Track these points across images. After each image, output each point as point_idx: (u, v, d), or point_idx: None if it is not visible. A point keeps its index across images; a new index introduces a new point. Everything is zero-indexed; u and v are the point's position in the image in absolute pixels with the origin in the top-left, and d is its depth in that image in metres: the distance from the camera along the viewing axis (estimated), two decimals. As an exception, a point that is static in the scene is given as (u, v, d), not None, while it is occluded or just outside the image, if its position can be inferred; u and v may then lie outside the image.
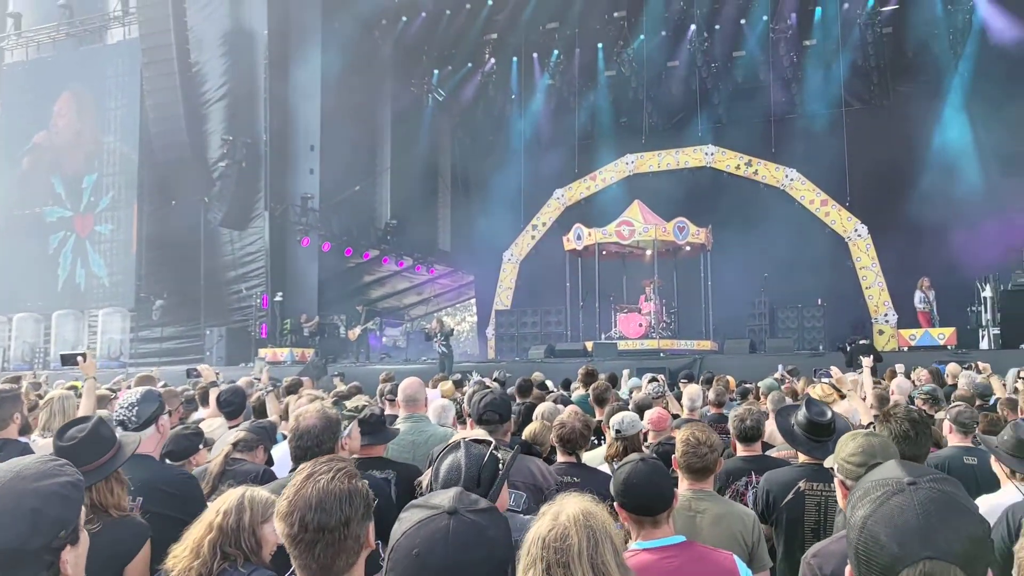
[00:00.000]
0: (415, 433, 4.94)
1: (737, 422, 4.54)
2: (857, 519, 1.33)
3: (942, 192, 19.20)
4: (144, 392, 3.64)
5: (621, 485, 2.77)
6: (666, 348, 18.50)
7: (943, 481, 1.34)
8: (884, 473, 1.37)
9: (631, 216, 19.93)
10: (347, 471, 1.96)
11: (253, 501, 2.60)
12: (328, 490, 1.89)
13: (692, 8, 22.56)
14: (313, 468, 1.97)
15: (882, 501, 1.32)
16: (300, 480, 1.94)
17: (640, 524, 2.74)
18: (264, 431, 4.63)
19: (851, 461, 2.63)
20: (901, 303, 19.78)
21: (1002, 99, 20.64)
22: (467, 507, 1.60)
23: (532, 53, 25.26)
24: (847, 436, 2.76)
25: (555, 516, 1.73)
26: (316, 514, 1.86)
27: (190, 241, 22.32)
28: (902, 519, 1.28)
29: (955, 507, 1.30)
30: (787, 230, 20.56)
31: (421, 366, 17.31)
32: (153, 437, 3.59)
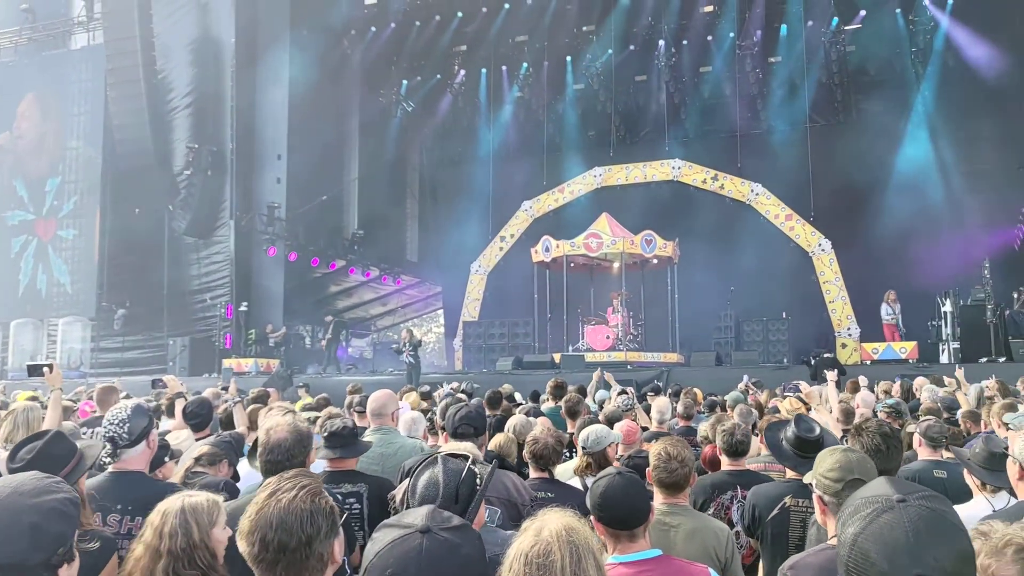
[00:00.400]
0: (384, 445, 4.91)
1: (727, 436, 4.56)
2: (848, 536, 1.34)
3: (904, 208, 19.53)
4: (134, 407, 3.55)
5: (598, 499, 2.76)
6: (633, 360, 18.57)
7: (932, 498, 1.36)
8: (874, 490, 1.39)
9: (599, 228, 20.01)
10: (310, 488, 1.92)
11: (196, 512, 2.51)
12: (289, 509, 1.85)
13: (660, 24, 22.81)
14: (277, 485, 1.92)
15: (872, 518, 1.33)
16: (263, 498, 1.90)
17: (617, 538, 2.73)
18: (229, 444, 4.57)
19: (828, 476, 2.65)
20: (864, 317, 20.06)
21: (962, 116, 21.10)
22: (440, 525, 1.58)
23: (501, 65, 25.36)
24: (825, 451, 2.78)
25: (537, 532, 1.71)
26: (277, 533, 1.82)
27: (153, 249, 22.03)
28: (892, 536, 1.30)
29: (944, 524, 1.32)
30: (753, 244, 20.79)
31: (388, 377, 17.23)
32: (144, 454, 3.51)
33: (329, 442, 4.14)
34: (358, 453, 4.24)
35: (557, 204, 24.12)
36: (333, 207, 25.07)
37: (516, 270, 23.04)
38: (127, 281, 22.47)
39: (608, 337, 19.66)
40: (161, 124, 21.77)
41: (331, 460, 4.04)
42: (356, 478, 3.98)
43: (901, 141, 21.09)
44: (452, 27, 24.39)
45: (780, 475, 4.86)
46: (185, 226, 21.44)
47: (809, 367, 14.08)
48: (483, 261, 24.74)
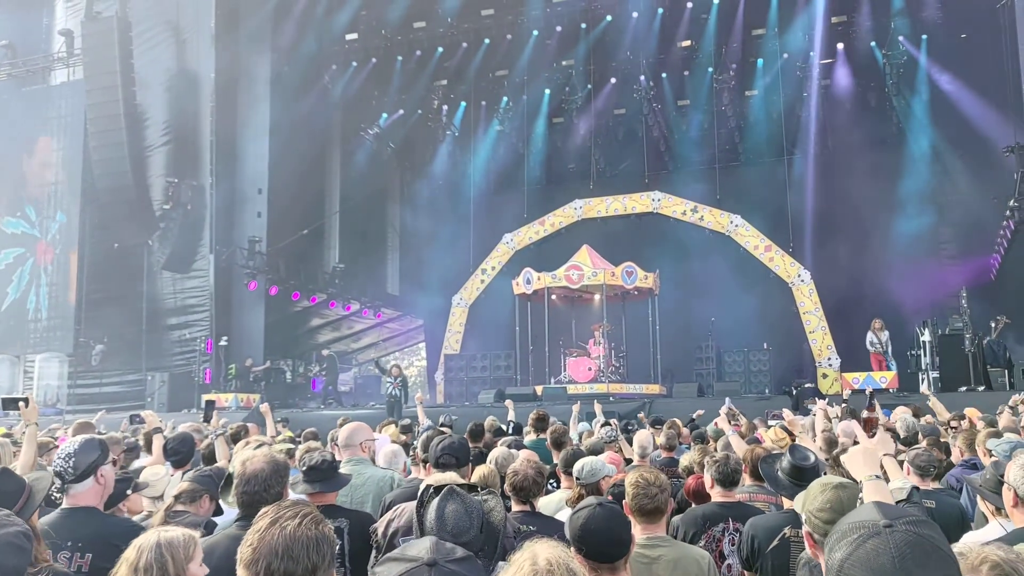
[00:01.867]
0: (355, 475, 4.86)
1: (720, 466, 4.54)
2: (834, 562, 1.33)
3: (882, 238, 19.75)
4: (83, 441, 3.47)
5: (579, 531, 2.67)
6: (615, 392, 18.55)
7: (919, 524, 1.35)
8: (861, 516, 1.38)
9: (580, 260, 20.08)
10: (314, 516, 1.90)
11: (172, 547, 2.42)
12: (295, 536, 1.82)
13: (639, 58, 23.09)
14: (278, 513, 1.89)
15: (858, 544, 1.32)
16: (265, 525, 1.87)
17: (597, 572, 2.64)
18: (210, 479, 4.48)
19: (819, 517, 2.59)
20: (843, 347, 20.16)
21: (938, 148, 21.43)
22: (445, 557, 1.56)
23: (481, 100, 25.53)
24: (816, 486, 2.72)
25: (520, 565, 1.68)
26: (283, 562, 1.79)
27: (132, 284, 21.85)
28: (878, 562, 1.29)
29: (929, 550, 1.31)
30: (733, 275, 20.92)
31: (369, 411, 17.10)
32: (93, 489, 3.43)
33: (308, 476, 4.08)
34: (338, 487, 4.19)
35: (538, 236, 24.18)
36: (314, 241, 25.02)
37: (498, 302, 23.03)
38: (105, 316, 22.23)
39: (590, 369, 19.64)
40: (141, 158, 21.68)
41: (310, 495, 3.99)
42: (336, 513, 3.92)
43: (878, 172, 21.35)
44: (433, 62, 24.59)
45: (765, 506, 4.84)
46: (164, 260, 21.30)
47: (791, 397, 14.11)
48: (464, 294, 24.72)
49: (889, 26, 20.91)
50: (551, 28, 23.63)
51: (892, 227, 20.36)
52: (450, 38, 24.16)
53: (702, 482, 4.77)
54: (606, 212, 23.53)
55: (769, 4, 21.65)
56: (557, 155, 26.35)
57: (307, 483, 4.06)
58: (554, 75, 24.60)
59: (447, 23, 23.82)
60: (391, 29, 24.09)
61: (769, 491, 4.72)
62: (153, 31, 22.18)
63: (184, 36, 22.19)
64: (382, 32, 24.17)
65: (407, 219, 29.39)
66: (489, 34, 23.94)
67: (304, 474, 4.09)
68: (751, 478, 5.11)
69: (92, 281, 22.63)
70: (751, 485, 5.10)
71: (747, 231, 21.86)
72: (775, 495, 4.55)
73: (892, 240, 20.18)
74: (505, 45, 24.08)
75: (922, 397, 14.12)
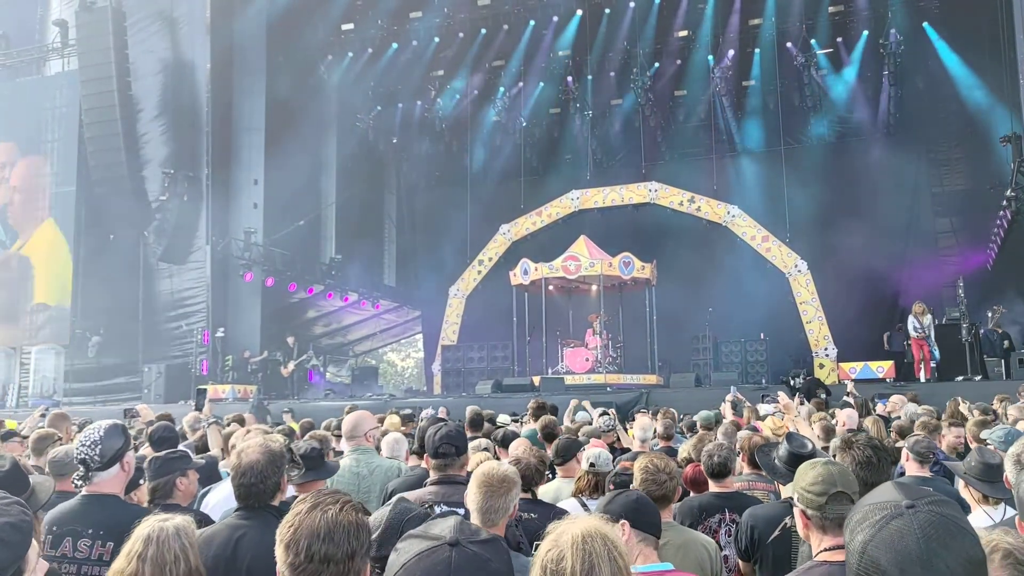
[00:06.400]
0: (360, 465, 4.84)
1: (707, 458, 4.53)
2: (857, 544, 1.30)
3: (879, 229, 19.74)
4: (108, 427, 3.43)
5: (635, 503, 2.84)
6: (613, 382, 18.55)
7: (941, 503, 1.33)
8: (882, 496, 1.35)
9: (577, 251, 20.04)
10: (354, 504, 1.93)
11: (188, 535, 2.46)
12: (337, 521, 1.85)
13: (636, 48, 23.03)
14: (318, 498, 1.94)
15: (881, 525, 1.30)
16: (306, 508, 1.91)
17: (645, 542, 2.79)
18: (173, 460, 4.15)
19: (811, 491, 2.58)
20: (840, 337, 20.16)
21: (934, 138, 21.43)
22: (468, 538, 1.54)
23: (476, 90, 25.46)
24: (806, 465, 2.70)
25: (556, 538, 1.68)
26: (324, 544, 1.82)
27: (128, 276, 21.78)
28: (902, 544, 1.27)
29: (954, 530, 1.29)
30: (730, 265, 20.90)
31: (367, 402, 17.08)
32: (118, 476, 3.40)
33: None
34: (327, 475, 4.17)
35: (535, 227, 24.11)
36: (310, 232, 24.95)
37: (495, 294, 22.99)
38: (101, 308, 22.17)
39: (587, 360, 19.63)
40: (135, 150, 21.59)
41: (299, 485, 3.96)
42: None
43: (875, 162, 21.35)
44: (429, 52, 24.50)
45: (764, 495, 4.83)
46: (161, 252, 21.24)
47: (789, 387, 14.10)
48: (462, 285, 24.67)
49: (887, 15, 20.85)
50: (548, 18, 23.55)
51: (889, 217, 20.34)
52: (447, 28, 24.06)
53: (700, 471, 4.77)
54: (603, 202, 23.47)
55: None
56: (554, 145, 26.29)
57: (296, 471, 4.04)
58: (551, 65, 24.52)
59: (443, 13, 23.73)
60: (387, 19, 23.99)
61: (768, 480, 4.72)
62: (147, 21, 22.06)
63: (178, 26, 22.07)
64: (378, 22, 24.07)
65: (404, 210, 29.33)
66: (486, 24, 23.86)
67: (290, 464, 4.07)
68: (749, 466, 5.11)
69: (88, 272, 22.55)
70: (749, 474, 5.10)
71: (744, 221, 21.82)
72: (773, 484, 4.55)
73: (889, 230, 20.16)
74: (502, 35, 24.00)
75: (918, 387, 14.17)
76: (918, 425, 6.25)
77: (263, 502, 3.19)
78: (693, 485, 4.94)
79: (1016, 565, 1.72)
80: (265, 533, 3.06)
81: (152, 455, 4.05)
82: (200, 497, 4.48)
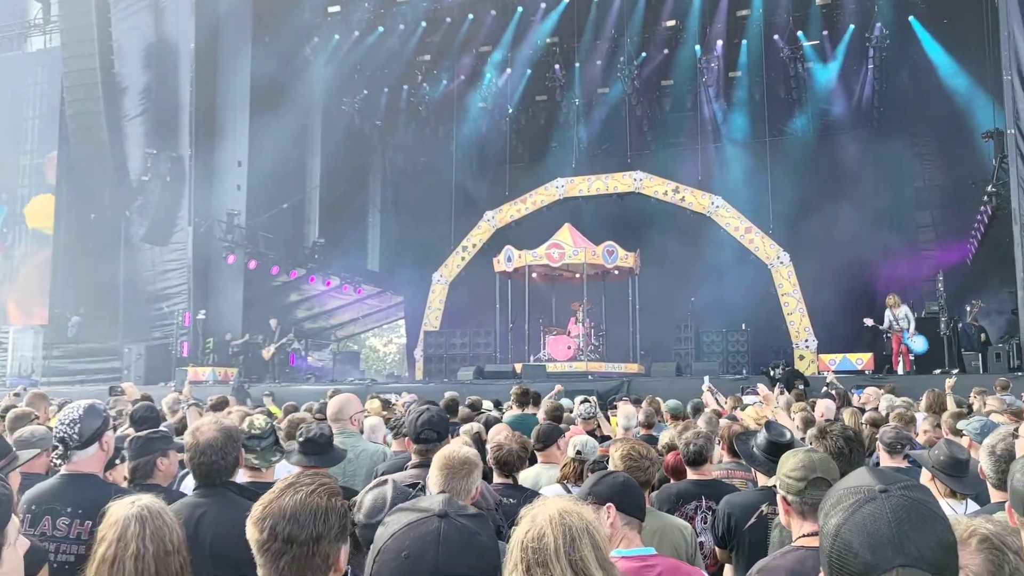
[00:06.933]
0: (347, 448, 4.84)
1: (684, 447, 4.58)
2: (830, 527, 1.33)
3: (861, 222, 19.85)
4: (87, 407, 3.44)
5: (621, 487, 2.84)
6: (594, 371, 18.61)
7: (914, 488, 1.36)
8: (856, 481, 1.38)
9: (561, 239, 20.07)
10: (329, 488, 1.95)
11: (169, 513, 2.49)
12: (305, 503, 1.88)
13: (623, 37, 23.01)
14: (296, 480, 1.96)
15: (854, 509, 1.33)
16: (280, 488, 1.94)
17: (629, 526, 2.80)
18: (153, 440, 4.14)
19: (792, 476, 2.66)
20: (820, 329, 20.30)
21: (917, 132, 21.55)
22: (457, 511, 1.57)
23: (463, 76, 25.38)
24: (789, 452, 2.79)
25: (532, 518, 1.71)
26: (288, 525, 1.85)
27: (109, 256, 21.63)
28: (875, 527, 1.30)
29: (926, 514, 1.32)
30: (713, 256, 20.97)
31: (348, 387, 17.06)
32: (97, 456, 3.41)
33: (304, 448, 4.05)
34: (333, 463, 4.15)
35: (519, 214, 24.09)
36: (294, 215, 24.83)
37: (478, 280, 23.00)
38: (81, 288, 22.02)
39: (569, 347, 19.69)
40: (118, 128, 21.42)
41: (305, 468, 3.94)
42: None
43: (859, 155, 21.45)
44: (416, 37, 24.37)
45: (743, 483, 4.88)
46: (143, 232, 21.10)
47: (768, 378, 14.20)
48: (445, 271, 24.63)
49: (873, 8, 20.92)
50: (536, 4, 23.46)
51: (871, 210, 20.46)
52: (434, 12, 23.91)
53: (680, 459, 4.81)
54: (588, 191, 23.47)
55: (755, -15, 21.69)
56: (540, 133, 26.26)
57: (302, 455, 4.03)
58: (538, 53, 24.45)
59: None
60: (374, 2, 23.81)
61: (746, 468, 4.77)
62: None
63: (163, 4, 21.87)
64: (365, 4, 23.87)
65: (388, 195, 29.23)
66: (473, 9, 23.73)
67: (300, 445, 4.06)
68: (728, 455, 5.16)
69: (68, 252, 22.37)
70: (728, 462, 5.16)
71: (728, 212, 21.88)
72: (752, 472, 4.60)
73: (871, 223, 20.29)
74: (489, 21, 23.88)
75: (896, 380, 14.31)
76: (893, 416, 6.32)
77: (223, 478, 3.23)
78: (673, 473, 4.99)
79: (992, 550, 1.77)
80: (227, 510, 3.09)
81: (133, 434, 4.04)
82: (180, 478, 4.48)
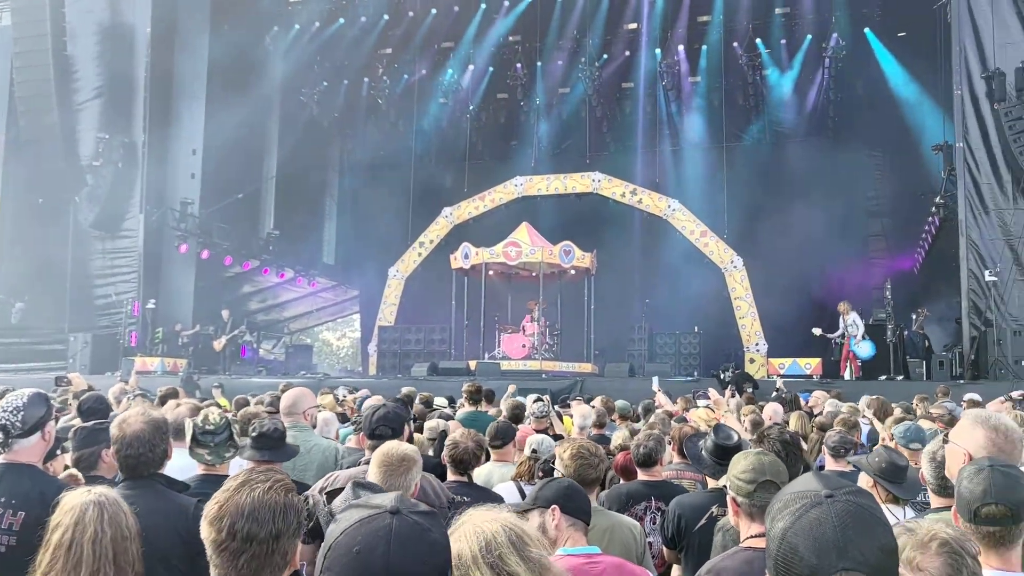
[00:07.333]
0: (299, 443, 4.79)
1: (635, 448, 4.63)
2: (777, 531, 1.37)
3: (814, 229, 20.15)
4: (32, 395, 3.35)
5: (567, 490, 2.92)
6: (548, 369, 18.68)
7: (859, 493, 1.41)
8: (802, 486, 1.42)
9: (519, 237, 20.11)
10: (284, 483, 1.93)
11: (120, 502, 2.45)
12: (263, 500, 1.85)
13: (585, 38, 23.13)
14: (249, 476, 1.93)
15: (801, 514, 1.37)
16: (234, 486, 1.90)
17: (575, 527, 2.86)
18: (97, 431, 4.19)
19: (742, 478, 2.71)
20: (771, 333, 20.60)
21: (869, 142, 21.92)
22: (409, 508, 1.57)
23: (423, 70, 25.28)
24: (740, 455, 2.85)
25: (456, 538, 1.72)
26: (247, 523, 1.82)
27: (56, 241, 21.16)
28: (820, 531, 1.34)
29: (869, 519, 1.37)
30: (668, 258, 21.18)
31: (301, 380, 16.91)
32: (38, 445, 3.32)
33: (257, 443, 4.01)
34: (286, 458, 4.12)
35: (478, 212, 24.06)
36: (249, 205, 24.52)
37: (435, 276, 22.94)
38: (27, 273, 21.50)
39: (524, 346, 19.74)
40: (69, 112, 20.97)
41: (257, 463, 3.90)
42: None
43: (813, 164, 21.75)
44: (378, 30, 24.21)
45: (692, 484, 4.94)
46: (92, 218, 20.68)
47: (719, 380, 14.37)
48: (401, 266, 24.51)
49: (831, 19, 21.28)
50: (499, 2, 23.47)
51: (824, 218, 20.79)
52: (397, 6, 23.81)
53: (631, 459, 4.85)
54: (547, 190, 23.52)
55: (716, -9, 21.98)
56: (500, 131, 26.29)
57: (255, 450, 3.99)
58: (501, 50, 24.48)
59: (394, -10, 23.48)
60: (336, -7, 23.65)
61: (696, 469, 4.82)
62: (87, -21, 21.40)
63: (120, -13, 21.46)
64: (327, -5, 23.70)
65: (346, 188, 29.01)
66: (436, 4, 23.64)
67: (253, 440, 4.02)
68: (679, 456, 5.22)
69: (14, 236, 21.84)
70: (678, 463, 5.22)
71: (684, 215, 22.08)
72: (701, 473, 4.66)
73: (823, 230, 20.61)
74: (452, 16, 23.83)
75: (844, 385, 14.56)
76: (837, 421, 6.45)
77: (151, 471, 3.21)
78: (623, 473, 5.04)
79: (951, 554, 1.84)
80: (157, 502, 3.09)
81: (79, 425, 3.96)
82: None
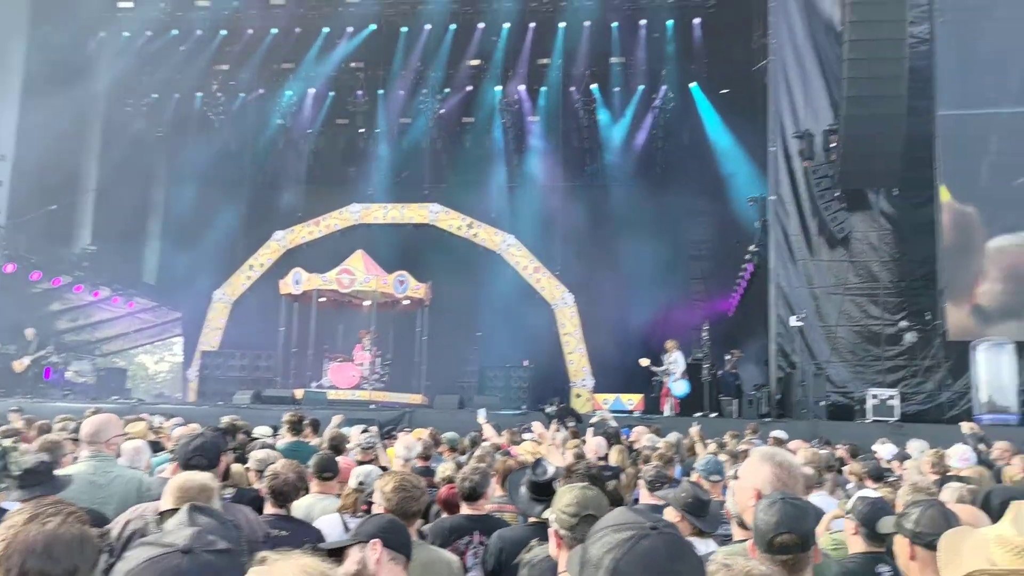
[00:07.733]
0: (99, 474, 4.48)
1: (459, 481, 4.63)
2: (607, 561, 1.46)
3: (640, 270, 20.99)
4: None
5: (387, 524, 2.96)
6: (378, 400, 18.44)
7: (672, 526, 1.57)
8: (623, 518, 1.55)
9: (352, 265, 19.86)
10: (78, 515, 1.78)
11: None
12: (57, 535, 1.70)
13: (428, 70, 23.34)
14: (38, 509, 1.76)
15: (632, 544, 1.48)
16: (22, 521, 1.73)
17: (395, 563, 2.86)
18: None
19: (566, 512, 2.78)
20: (598, 369, 21.24)
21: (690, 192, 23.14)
22: (204, 547, 1.46)
23: (261, 89, 24.71)
24: (565, 488, 2.92)
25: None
26: (40, 561, 1.67)
27: None
28: (652, 560, 1.46)
29: (687, 550, 1.52)
30: (501, 293, 21.46)
31: (111, 405, 15.89)
32: None
33: (25, 480, 3.70)
34: (57, 490, 3.84)
35: (312, 237, 23.56)
36: (64, 218, 22.92)
37: (263, 301, 22.22)
38: None
39: (354, 375, 19.42)
40: None
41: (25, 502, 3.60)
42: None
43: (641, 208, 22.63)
44: (214, 45, 23.48)
45: (513, 517, 4.99)
46: None
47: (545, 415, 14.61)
48: (228, 289, 23.59)
49: (661, 73, 22.47)
50: (342, 27, 23.32)
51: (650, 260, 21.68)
52: (236, 22, 23.19)
53: (455, 493, 4.85)
54: (383, 219, 23.37)
55: (556, 36, 22.69)
56: (339, 157, 25.98)
57: (23, 488, 3.68)
58: (342, 75, 24.30)
59: (232, 6, 22.82)
60: (171, 2, 22.75)
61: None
62: None
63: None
64: (160, 4, 22.74)
65: (172, 206, 27.64)
66: (277, 23, 23.20)
67: (20, 479, 3.71)
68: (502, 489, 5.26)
69: None
70: (501, 496, 5.25)
71: (518, 251, 22.47)
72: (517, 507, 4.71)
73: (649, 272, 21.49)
74: (293, 37, 23.48)
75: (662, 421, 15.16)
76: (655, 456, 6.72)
77: None
78: (446, 506, 5.02)
79: None
80: None
81: None
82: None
